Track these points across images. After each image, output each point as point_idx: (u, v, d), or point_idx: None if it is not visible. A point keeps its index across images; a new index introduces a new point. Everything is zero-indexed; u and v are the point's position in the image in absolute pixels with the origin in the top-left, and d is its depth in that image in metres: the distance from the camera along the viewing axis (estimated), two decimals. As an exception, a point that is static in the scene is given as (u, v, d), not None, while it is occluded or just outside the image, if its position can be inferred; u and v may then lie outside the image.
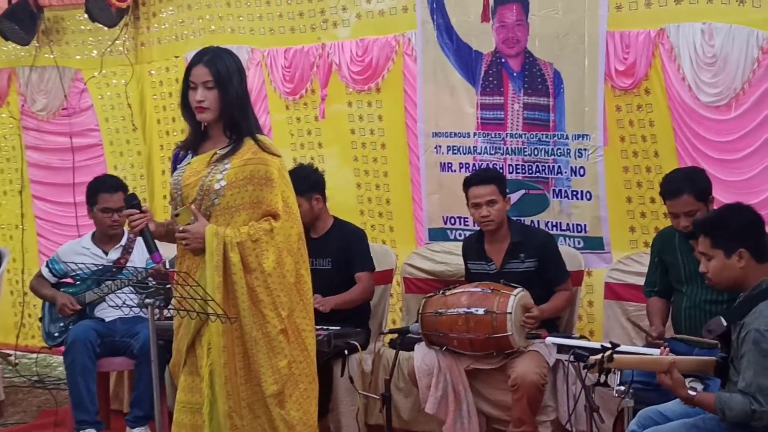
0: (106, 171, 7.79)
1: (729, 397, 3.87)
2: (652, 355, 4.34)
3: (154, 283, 5.34)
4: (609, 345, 4.24)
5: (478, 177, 5.82)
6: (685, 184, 5.09)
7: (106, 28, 7.80)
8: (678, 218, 5.10)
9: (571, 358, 4.61)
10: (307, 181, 5.95)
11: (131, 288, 5.78)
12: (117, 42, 7.88)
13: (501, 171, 6.15)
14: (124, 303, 4.65)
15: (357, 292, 6.03)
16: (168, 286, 4.91)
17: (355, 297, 6.01)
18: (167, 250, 6.38)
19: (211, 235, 4.20)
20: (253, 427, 4.28)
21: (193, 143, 4.46)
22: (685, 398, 3.99)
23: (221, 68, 4.33)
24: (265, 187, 4.27)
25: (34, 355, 8.00)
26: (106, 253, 6.32)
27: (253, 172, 4.26)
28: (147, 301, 4.37)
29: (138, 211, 4.31)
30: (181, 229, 4.27)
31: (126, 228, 6.36)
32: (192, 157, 4.43)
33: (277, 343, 4.25)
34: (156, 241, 4.36)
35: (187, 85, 4.36)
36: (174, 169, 4.52)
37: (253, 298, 4.23)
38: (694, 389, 4.03)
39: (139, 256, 6.31)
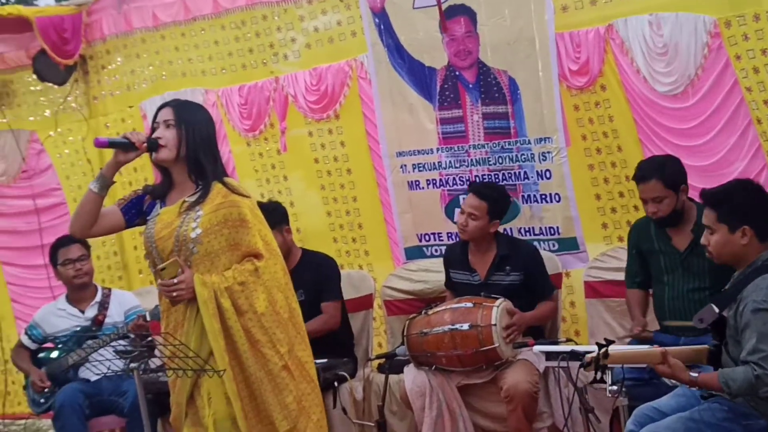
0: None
1: (731, 370, 3.88)
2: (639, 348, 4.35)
3: (134, 337, 5.31)
4: (604, 342, 4.21)
5: (477, 187, 5.78)
6: (654, 169, 5.14)
7: (56, 87, 7.77)
8: (647, 204, 5.15)
9: (563, 363, 4.58)
10: (275, 215, 5.91)
11: (114, 351, 5.73)
12: (69, 99, 7.85)
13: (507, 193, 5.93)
14: (109, 368, 4.59)
15: (319, 323, 5.90)
16: (150, 339, 4.87)
17: (317, 327, 5.83)
18: (147, 301, 6.39)
19: (200, 286, 4.17)
20: None
21: (161, 192, 4.43)
22: (687, 381, 3.98)
23: (185, 110, 4.35)
24: (241, 229, 4.25)
25: (23, 422, 7.90)
26: (83, 312, 6.28)
27: (227, 216, 4.24)
28: (132, 365, 4.32)
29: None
30: (175, 281, 4.20)
31: (98, 283, 6.39)
32: (160, 207, 4.39)
33: (281, 379, 4.25)
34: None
35: (153, 129, 4.36)
36: (134, 207, 4.48)
37: (250, 339, 4.22)
38: (706, 369, 4.04)
39: (117, 310, 6.28)
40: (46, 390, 6.08)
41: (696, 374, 3.99)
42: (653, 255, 5.27)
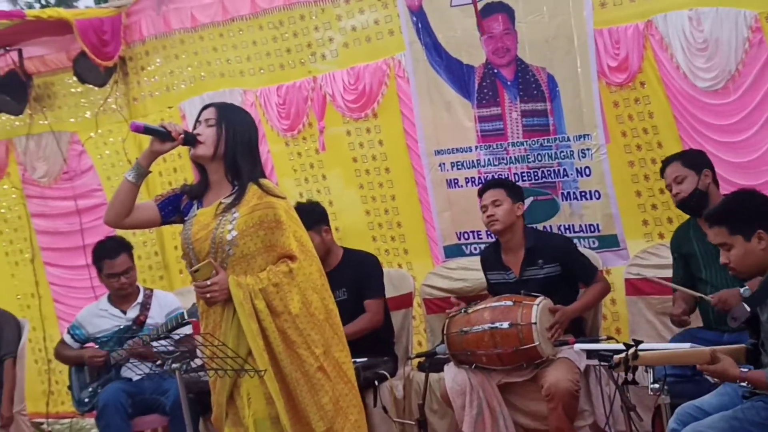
0: (114, 231, 7.80)
1: None
2: (679, 349, 4.32)
3: (175, 341, 5.34)
4: (632, 342, 4.19)
5: (486, 184, 5.87)
6: (675, 155, 5.31)
7: (96, 88, 7.84)
8: (671, 191, 5.23)
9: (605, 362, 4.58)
10: (313, 215, 5.93)
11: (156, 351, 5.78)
12: (109, 100, 7.92)
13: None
14: (151, 369, 4.63)
15: (364, 321, 5.93)
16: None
17: (363, 326, 5.89)
18: (187, 300, 6.42)
19: (235, 287, 4.19)
20: None
21: (198, 192, 4.45)
22: (737, 377, 3.95)
23: (227, 111, 4.40)
24: (276, 230, 4.26)
25: (67, 421, 7.98)
26: (125, 313, 6.33)
27: (262, 217, 4.25)
28: (174, 366, 4.36)
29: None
30: (209, 282, 4.22)
31: (140, 283, 6.44)
32: (197, 208, 4.41)
33: (317, 380, 4.26)
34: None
35: (195, 128, 4.39)
36: (171, 204, 4.50)
37: (286, 340, 4.23)
38: (747, 367, 4.01)
39: (158, 311, 6.32)
40: (104, 363, 6.11)
41: (746, 369, 3.96)
42: (693, 257, 5.26)
